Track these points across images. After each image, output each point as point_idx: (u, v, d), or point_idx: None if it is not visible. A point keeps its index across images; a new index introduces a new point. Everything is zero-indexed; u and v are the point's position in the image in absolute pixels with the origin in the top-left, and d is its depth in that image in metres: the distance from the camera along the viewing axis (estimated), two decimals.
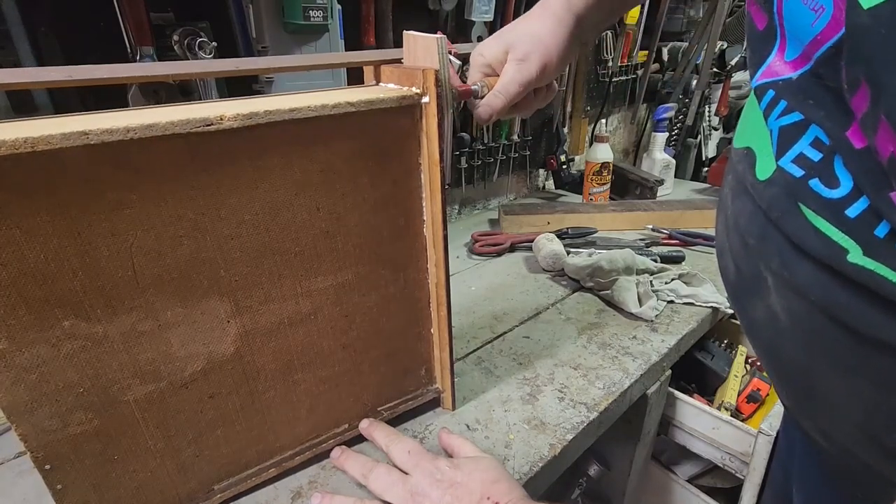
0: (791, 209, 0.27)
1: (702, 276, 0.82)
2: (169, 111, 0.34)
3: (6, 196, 0.29)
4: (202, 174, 0.34)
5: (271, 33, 0.65)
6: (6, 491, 0.47)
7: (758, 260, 0.32)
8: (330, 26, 0.68)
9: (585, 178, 1.23)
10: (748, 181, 0.31)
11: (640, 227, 1.07)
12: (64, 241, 0.31)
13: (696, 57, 1.45)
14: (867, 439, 0.30)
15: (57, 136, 0.28)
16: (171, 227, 0.34)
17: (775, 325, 0.32)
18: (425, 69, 0.41)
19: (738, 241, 0.34)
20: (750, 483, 0.71)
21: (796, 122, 0.27)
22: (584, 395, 0.58)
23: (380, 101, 0.39)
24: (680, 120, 1.53)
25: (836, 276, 0.26)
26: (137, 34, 0.59)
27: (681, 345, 0.71)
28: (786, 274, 0.29)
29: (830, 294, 0.27)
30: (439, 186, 0.44)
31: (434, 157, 0.43)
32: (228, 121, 0.33)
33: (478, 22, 0.92)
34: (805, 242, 0.27)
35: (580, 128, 1.37)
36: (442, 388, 0.55)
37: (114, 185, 0.31)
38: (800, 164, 0.27)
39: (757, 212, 0.31)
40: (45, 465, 0.35)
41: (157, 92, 0.63)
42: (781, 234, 0.29)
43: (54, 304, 0.32)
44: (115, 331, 0.35)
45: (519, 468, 0.49)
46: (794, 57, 0.28)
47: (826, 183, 0.25)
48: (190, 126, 0.32)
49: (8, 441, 0.53)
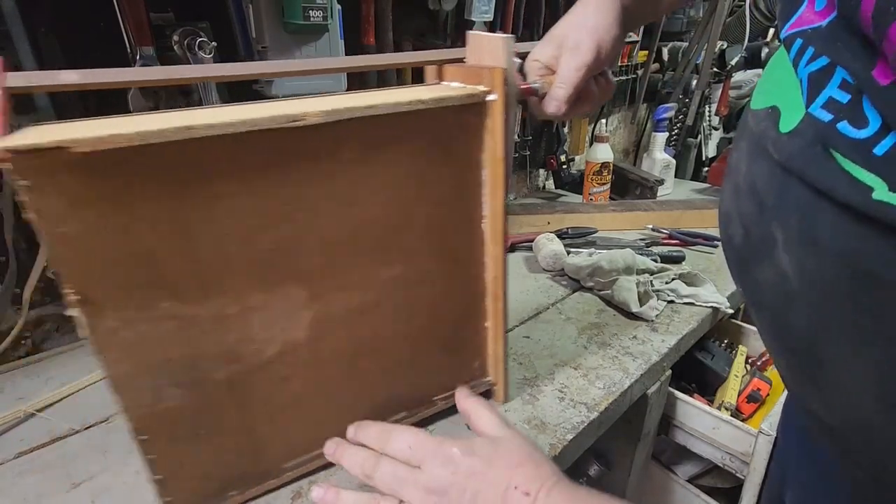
0: (818, 155, 0.27)
1: (702, 276, 0.82)
2: (253, 109, 0.36)
3: (122, 184, 0.31)
4: (287, 168, 0.37)
5: (271, 33, 0.65)
6: (6, 491, 0.47)
7: (771, 220, 0.31)
8: (330, 26, 0.68)
9: (585, 178, 1.23)
10: (770, 137, 0.31)
11: (640, 227, 1.07)
12: (170, 227, 0.33)
13: (696, 57, 1.44)
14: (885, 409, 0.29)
15: (168, 130, 0.31)
16: (259, 217, 0.37)
17: (784, 287, 0.31)
18: (493, 68, 0.42)
19: (752, 203, 0.33)
20: (750, 483, 0.71)
21: (823, 66, 0.27)
22: (584, 394, 0.58)
23: (450, 98, 0.41)
24: (680, 120, 1.53)
25: (861, 221, 0.25)
26: (137, 34, 0.59)
27: (681, 345, 0.71)
28: (804, 229, 0.28)
29: (852, 241, 0.26)
30: (502, 182, 0.45)
31: (498, 154, 0.44)
32: (312, 117, 0.35)
33: (478, 22, 0.92)
34: (831, 187, 0.26)
35: (580, 128, 1.37)
36: (494, 380, 0.56)
37: (212, 177, 0.34)
38: (829, 108, 0.26)
39: (775, 169, 0.30)
40: (141, 436, 0.38)
41: (156, 93, 0.63)
42: (804, 185, 0.28)
43: (157, 286, 0.35)
44: (205, 313, 0.37)
45: None
46: (822, 6, 0.28)
47: (854, 124, 0.25)
48: (279, 122, 0.34)
49: (8, 441, 0.54)
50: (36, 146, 0.28)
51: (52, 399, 0.59)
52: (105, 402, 0.59)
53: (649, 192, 1.24)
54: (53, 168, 0.29)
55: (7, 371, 0.65)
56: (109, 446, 0.52)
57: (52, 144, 0.28)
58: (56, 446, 0.53)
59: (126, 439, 0.53)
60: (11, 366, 0.66)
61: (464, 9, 0.90)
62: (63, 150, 0.28)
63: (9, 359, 0.67)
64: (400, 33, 0.86)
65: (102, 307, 0.33)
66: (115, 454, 0.51)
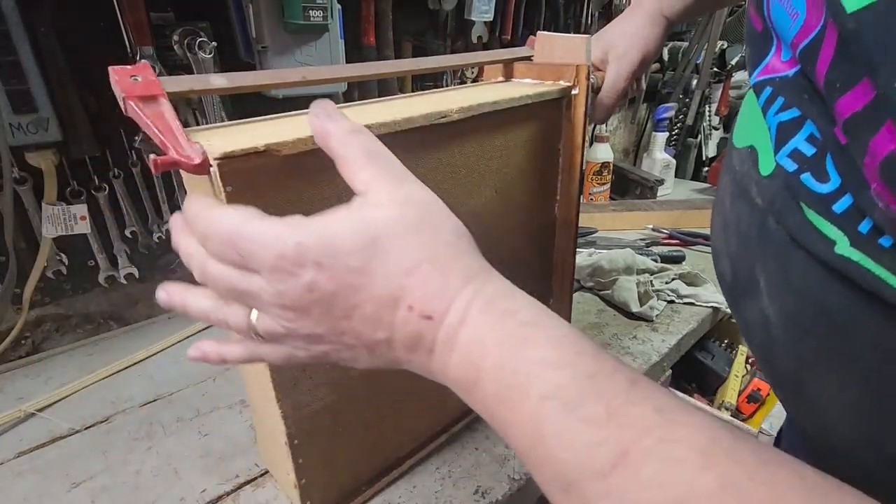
0: (789, 202, 0.27)
1: (702, 275, 0.82)
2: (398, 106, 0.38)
3: (304, 186, 0.32)
4: (426, 160, 0.39)
5: (271, 33, 0.65)
6: (6, 491, 0.47)
7: (754, 261, 0.32)
8: (330, 26, 0.68)
9: (585, 178, 1.23)
10: (753, 178, 0.31)
11: (640, 226, 1.07)
12: None
13: (696, 57, 1.44)
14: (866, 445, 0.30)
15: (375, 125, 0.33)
16: None
17: (767, 329, 0.32)
18: (579, 65, 0.47)
19: (737, 243, 0.34)
20: None
21: (794, 118, 0.27)
22: None
23: (548, 92, 0.46)
24: (680, 120, 1.53)
25: (827, 271, 0.26)
26: (137, 34, 0.59)
27: (681, 345, 0.71)
28: (780, 273, 0.29)
29: (821, 290, 0.27)
30: (578, 168, 0.50)
31: (577, 142, 0.49)
32: (455, 113, 0.38)
33: (478, 22, 0.92)
34: (799, 235, 0.27)
35: None
36: None
37: None
38: (794, 158, 0.27)
39: (755, 211, 0.31)
40: (294, 441, 0.38)
41: None
42: (780, 230, 0.29)
43: None
44: None
45: (519, 468, 0.48)
46: (787, 58, 0.28)
47: (817, 177, 0.26)
48: (432, 118, 0.37)
49: (8, 441, 0.53)
50: (248, 150, 0.28)
51: (52, 399, 0.59)
52: (105, 402, 0.59)
53: (649, 192, 1.24)
54: (254, 173, 0.29)
55: (7, 371, 0.65)
56: (109, 446, 0.52)
57: (264, 147, 0.28)
58: (56, 446, 0.53)
59: (126, 439, 0.53)
60: (11, 366, 0.66)
61: (464, 9, 0.90)
62: (269, 153, 0.28)
63: (9, 359, 0.67)
64: (400, 33, 0.86)
65: None
66: (115, 454, 0.51)
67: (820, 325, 0.28)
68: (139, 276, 0.72)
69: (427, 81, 0.93)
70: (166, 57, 0.62)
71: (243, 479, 0.48)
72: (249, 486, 0.47)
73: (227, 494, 0.46)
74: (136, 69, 0.29)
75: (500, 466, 0.49)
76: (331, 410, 0.40)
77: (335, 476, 0.43)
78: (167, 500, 0.46)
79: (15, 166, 0.60)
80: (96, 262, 0.69)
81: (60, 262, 0.67)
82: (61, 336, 0.71)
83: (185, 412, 0.57)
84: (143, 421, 0.56)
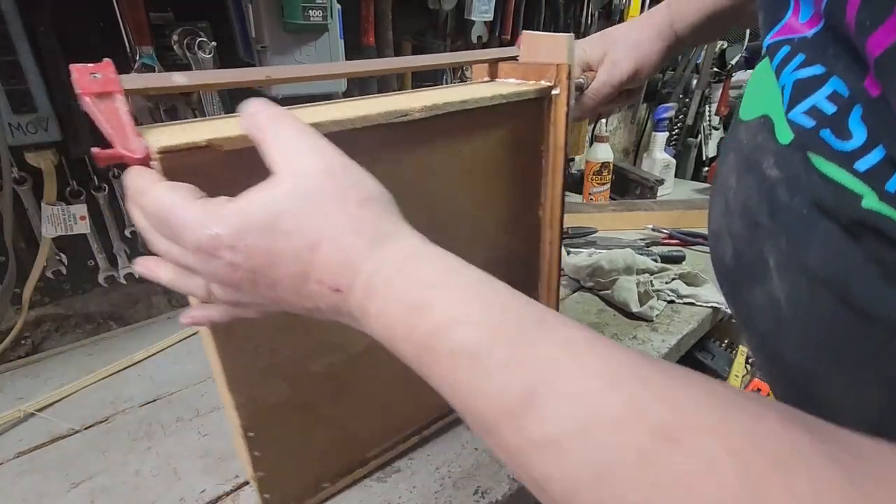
0: (806, 164, 0.26)
1: (702, 275, 0.82)
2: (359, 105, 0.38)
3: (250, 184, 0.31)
4: (389, 161, 0.39)
5: (271, 33, 0.65)
6: (6, 491, 0.47)
7: (764, 241, 0.30)
8: (330, 26, 0.68)
9: (585, 178, 1.23)
10: (768, 149, 0.29)
11: (640, 226, 1.07)
12: None
13: (696, 56, 1.44)
14: None
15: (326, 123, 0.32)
16: None
17: (776, 313, 0.30)
18: (560, 64, 0.45)
19: (743, 223, 0.32)
20: None
21: (816, 75, 0.26)
22: None
23: (525, 92, 0.45)
24: (680, 120, 1.53)
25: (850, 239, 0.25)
26: (137, 34, 0.59)
27: (681, 345, 0.71)
28: (794, 249, 0.28)
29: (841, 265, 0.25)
30: (561, 170, 0.49)
31: (559, 143, 0.48)
32: (418, 112, 0.38)
33: (478, 22, 0.92)
34: (821, 194, 0.25)
35: (580, 128, 1.37)
36: None
37: None
38: (812, 115, 0.26)
39: (766, 185, 0.29)
40: (249, 433, 0.38)
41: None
42: (796, 201, 0.27)
43: None
44: None
45: None
46: (807, 17, 0.27)
47: (837, 135, 0.24)
48: (391, 117, 0.36)
49: (8, 441, 0.53)
50: (189, 145, 0.28)
51: (52, 399, 0.59)
52: (105, 402, 0.59)
53: (649, 192, 1.24)
54: (198, 168, 0.29)
55: (7, 371, 0.65)
56: (109, 446, 0.52)
57: (205, 142, 0.28)
58: (56, 446, 0.53)
59: (126, 439, 0.53)
60: (11, 366, 0.66)
61: (463, 8, 0.90)
62: (212, 148, 0.29)
63: (9, 359, 0.67)
64: (400, 33, 0.86)
65: None
66: (115, 454, 0.51)
67: (837, 309, 0.26)
68: (139, 276, 0.72)
69: (428, 82, 0.93)
70: (166, 57, 0.62)
71: (243, 479, 0.48)
72: (249, 486, 0.47)
73: (227, 494, 0.46)
74: (97, 67, 0.30)
75: (500, 466, 0.49)
76: (290, 406, 0.40)
77: (296, 470, 0.43)
78: (167, 500, 0.46)
79: (14, 166, 0.60)
80: (96, 262, 0.69)
81: (60, 262, 0.67)
82: (61, 336, 0.71)
83: (185, 412, 0.57)
84: (143, 421, 0.56)
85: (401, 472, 0.48)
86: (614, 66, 0.52)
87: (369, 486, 0.47)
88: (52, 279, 0.67)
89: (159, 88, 0.33)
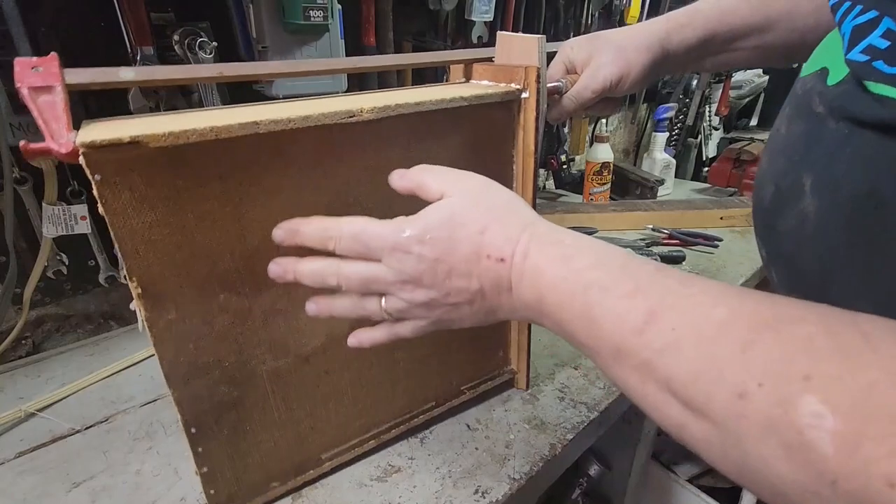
0: (854, 89, 0.29)
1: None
2: (306, 105, 0.38)
3: (186, 184, 0.32)
4: (337, 164, 0.38)
5: (271, 33, 0.65)
6: (6, 491, 0.47)
7: (804, 167, 0.33)
8: (330, 26, 0.68)
9: (585, 178, 1.23)
10: (817, 91, 0.33)
11: (640, 227, 1.07)
12: (227, 225, 0.35)
13: None
14: None
15: (235, 125, 0.32)
16: (310, 212, 0.37)
17: (802, 230, 0.33)
18: (528, 66, 0.44)
19: (785, 159, 0.35)
20: None
21: (871, 18, 0.28)
22: (584, 394, 0.58)
23: (488, 95, 0.43)
24: (680, 120, 1.53)
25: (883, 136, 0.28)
26: (137, 34, 0.59)
27: None
28: (830, 166, 0.31)
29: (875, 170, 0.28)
30: (532, 175, 0.47)
31: (529, 148, 0.46)
32: (366, 113, 0.37)
33: (478, 22, 0.92)
34: (860, 111, 0.29)
35: (580, 128, 1.37)
36: (517, 368, 0.58)
37: (269, 173, 0.36)
38: (867, 52, 0.28)
39: (813, 119, 0.33)
40: (191, 429, 0.39)
41: (156, 92, 0.63)
42: (839, 125, 0.31)
43: (214, 282, 0.36)
44: (258, 307, 0.39)
45: (519, 468, 0.48)
46: None
47: (889, 63, 0.27)
48: (337, 117, 0.36)
49: (8, 441, 0.54)
50: (113, 141, 0.28)
51: (52, 399, 0.59)
52: (105, 402, 0.59)
53: (649, 192, 1.24)
54: (124, 164, 0.30)
55: (7, 371, 0.65)
56: (109, 446, 0.52)
57: (129, 139, 0.29)
58: (56, 446, 0.53)
59: (127, 439, 0.53)
60: (11, 366, 0.66)
61: (464, 9, 0.90)
62: (138, 144, 0.29)
63: (9, 359, 0.67)
64: (400, 33, 0.86)
65: (163, 301, 0.34)
66: (115, 454, 0.51)
67: (866, 208, 0.29)
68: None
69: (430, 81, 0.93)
70: (166, 57, 0.62)
71: None
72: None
73: None
74: (41, 61, 0.31)
75: (500, 466, 0.49)
76: (236, 406, 0.40)
77: (242, 468, 0.43)
78: (167, 500, 0.46)
79: (15, 166, 0.60)
80: (96, 262, 0.69)
81: (61, 262, 0.67)
82: (61, 336, 0.71)
83: None
84: (143, 421, 0.56)
85: (401, 471, 0.48)
86: (598, 71, 0.50)
87: (369, 485, 0.47)
88: (52, 279, 0.67)
89: (102, 84, 0.34)
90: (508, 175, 0.48)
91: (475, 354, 0.55)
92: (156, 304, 0.34)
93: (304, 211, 0.37)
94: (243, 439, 0.42)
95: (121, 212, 0.31)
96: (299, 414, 0.44)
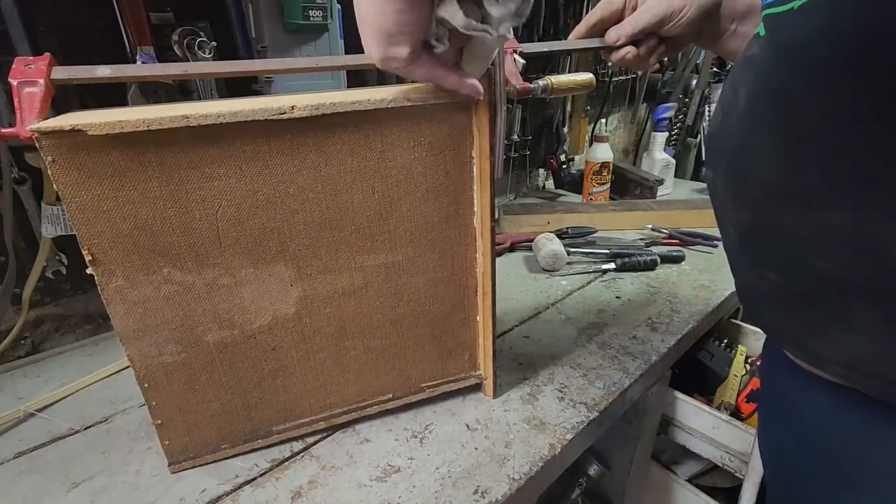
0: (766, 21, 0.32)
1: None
2: (249, 102, 0.40)
3: (128, 163, 0.37)
4: (276, 155, 0.40)
5: (271, 33, 0.65)
6: (5, 491, 0.47)
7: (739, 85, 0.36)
8: (330, 26, 0.68)
9: (585, 178, 1.23)
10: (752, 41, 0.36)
11: (639, 226, 1.07)
12: (168, 203, 0.39)
13: (696, 57, 1.44)
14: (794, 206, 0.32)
15: (166, 118, 0.35)
16: (249, 199, 0.41)
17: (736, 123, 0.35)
18: None
19: (730, 87, 0.37)
20: (750, 482, 0.71)
21: None
22: (584, 394, 0.58)
23: (435, 96, 0.43)
24: (680, 120, 1.53)
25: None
26: (137, 34, 0.59)
27: (681, 344, 0.71)
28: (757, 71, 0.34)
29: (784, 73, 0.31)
30: (489, 179, 0.47)
31: (485, 151, 0.46)
32: (299, 110, 0.38)
33: None
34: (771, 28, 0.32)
35: (580, 128, 1.37)
36: (484, 375, 0.57)
37: (206, 161, 0.39)
38: None
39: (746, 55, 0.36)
40: (145, 384, 0.44)
41: (156, 91, 0.63)
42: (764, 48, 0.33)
43: (158, 254, 0.40)
44: (201, 281, 0.42)
45: (519, 468, 0.48)
46: None
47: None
48: (267, 114, 0.38)
49: (7, 441, 0.54)
50: (56, 128, 0.34)
51: (51, 399, 0.59)
52: (105, 402, 0.59)
53: (649, 191, 1.24)
54: (71, 147, 0.35)
55: (7, 371, 0.65)
56: (108, 446, 0.53)
57: (70, 128, 0.34)
58: (55, 446, 0.53)
59: (126, 439, 0.54)
60: (11, 366, 0.66)
61: None
62: (79, 132, 0.34)
63: (9, 359, 0.67)
64: None
65: (112, 267, 0.39)
66: (115, 454, 0.51)
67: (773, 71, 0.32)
68: None
69: None
70: (166, 57, 0.62)
71: (243, 479, 0.48)
72: (249, 486, 0.47)
73: (227, 494, 0.46)
74: (35, 59, 0.37)
75: (500, 466, 0.49)
76: (184, 367, 0.44)
77: (195, 426, 0.47)
78: (167, 499, 0.46)
79: (14, 166, 0.60)
80: None
81: (60, 262, 0.67)
82: (61, 336, 0.71)
83: None
84: (143, 421, 0.56)
85: (400, 471, 0.48)
86: (647, 9, 0.53)
87: (369, 485, 0.47)
88: (51, 279, 0.67)
89: (81, 79, 0.40)
90: (468, 176, 0.48)
91: (436, 354, 0.54)
92: (105, 270, 0.39)
93: (242, 196, 0.40)
94: (192, 397, 0.46)
95: (72, 186, 0.36)
96: (247, 384, 0.48)
